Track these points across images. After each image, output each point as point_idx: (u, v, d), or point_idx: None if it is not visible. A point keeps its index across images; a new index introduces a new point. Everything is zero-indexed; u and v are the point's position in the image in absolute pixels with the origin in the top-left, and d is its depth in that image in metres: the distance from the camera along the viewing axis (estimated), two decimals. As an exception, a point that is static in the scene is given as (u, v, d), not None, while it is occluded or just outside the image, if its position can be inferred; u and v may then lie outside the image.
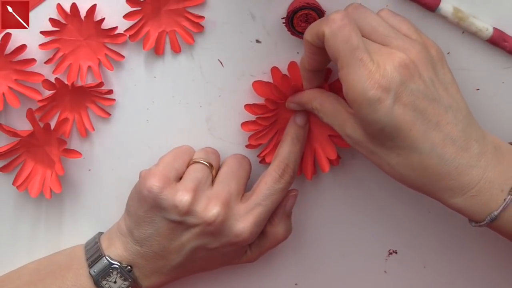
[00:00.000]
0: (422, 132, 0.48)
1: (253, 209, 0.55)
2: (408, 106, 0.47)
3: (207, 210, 0.54)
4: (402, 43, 0.49)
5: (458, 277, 0.63)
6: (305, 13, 0.52)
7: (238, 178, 0.56)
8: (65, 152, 0.58)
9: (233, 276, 0.64)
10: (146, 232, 0.55)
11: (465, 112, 0.50)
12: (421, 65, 0.48)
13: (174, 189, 0.54)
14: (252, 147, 0.58)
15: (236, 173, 0.57)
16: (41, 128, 0.57)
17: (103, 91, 0.57)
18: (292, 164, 0.56)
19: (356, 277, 0.64)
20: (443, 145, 0.48)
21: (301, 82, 0.55)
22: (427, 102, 0.48)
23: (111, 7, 0.55)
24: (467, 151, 0.49)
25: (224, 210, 0.54)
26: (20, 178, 0.58)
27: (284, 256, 0.63)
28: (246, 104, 0.57)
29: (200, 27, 0.56)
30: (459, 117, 0.49)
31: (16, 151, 0.58)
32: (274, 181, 0.56)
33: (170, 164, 0.56)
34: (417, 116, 0.48)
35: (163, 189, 0.53)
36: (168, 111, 0.59)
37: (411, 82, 0.47)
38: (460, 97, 0.51)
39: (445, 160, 0.48)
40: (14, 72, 0.56)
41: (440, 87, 0.49)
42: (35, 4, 0.55)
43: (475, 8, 0.54)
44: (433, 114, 0.48)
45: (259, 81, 0.56)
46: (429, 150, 0.48)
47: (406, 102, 0.47)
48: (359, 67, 0.46)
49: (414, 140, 0.48)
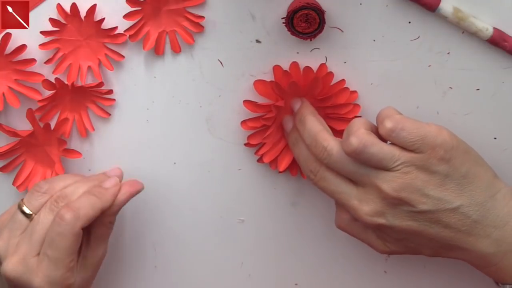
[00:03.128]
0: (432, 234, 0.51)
1: (42, 260, 0.52)
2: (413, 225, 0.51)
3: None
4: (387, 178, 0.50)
5: (458, 277, 0.63)
6: (305, 13, 0.52)
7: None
8: (65, 152, 0.58)
9: (233, 276, 0.64)
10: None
11: (481, 200, 0.51)
12: (420, 189, 0.49)
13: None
14: (251, 146, 0.58)
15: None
16: (41, 128, 0.57)
17: (103, 91, 0.57)
18: (76, 207, 0.52)
19: (356, 277, 0.64)
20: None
21: (301, 80, 0.55)
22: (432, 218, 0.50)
23: (111, 7, 0.55)
24: (486, 237, 0.51)
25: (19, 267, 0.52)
26: (20, 178, 0.58)
27: (284, 256, 0.63)
28: (245, 100, 0.56)
29: (200, 27, 0.56)
30: (470, 211, 0.50)
31: (16, 151, 0.58)
32: (53, 224, 0.52)
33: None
34: (422, 227, 0.51)
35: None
36: (168, 111, 0.59)
37: (409, 207, 0.50)
38: (476, 188, 0.51)
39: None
40: (14, 72, 0.56)
41: (448, 190, 0.50)
42: (35, 4, 0.55)
43: (475, 8, 0.54)
44: (443, 221, 0.50)
45: (260, 80, 0.56)
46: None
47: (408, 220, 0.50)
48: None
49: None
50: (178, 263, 0.63)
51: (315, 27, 0.53)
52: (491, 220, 0.51)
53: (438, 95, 0.57)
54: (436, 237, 0.51)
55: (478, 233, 0.51)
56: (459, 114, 0.58)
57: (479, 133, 0.58)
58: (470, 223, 0.50)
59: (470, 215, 0.50)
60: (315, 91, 0.55)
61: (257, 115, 0.57)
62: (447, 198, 0.50)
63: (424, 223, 0.50)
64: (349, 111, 0.56)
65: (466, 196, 0.50)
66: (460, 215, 0.50)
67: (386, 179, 0.49)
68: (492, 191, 0.51)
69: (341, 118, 0.56)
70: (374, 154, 0.49)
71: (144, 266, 0.63)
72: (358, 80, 0.57)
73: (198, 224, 0.62)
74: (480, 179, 0.51)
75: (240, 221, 0.62)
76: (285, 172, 0.59)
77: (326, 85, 0.55)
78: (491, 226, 0.51)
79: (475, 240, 0.51)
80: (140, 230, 0.62)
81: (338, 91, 0.56)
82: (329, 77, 0.56)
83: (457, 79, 0.57)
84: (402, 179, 0.49)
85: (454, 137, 0.51)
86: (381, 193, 0.50)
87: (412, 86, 0.57)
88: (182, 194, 0.61)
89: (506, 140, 0.58)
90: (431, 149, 0.49)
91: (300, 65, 0.56)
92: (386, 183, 0.49)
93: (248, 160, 0.60)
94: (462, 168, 0.50)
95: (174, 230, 0.62)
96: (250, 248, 0.63)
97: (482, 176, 0.51)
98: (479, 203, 0.50)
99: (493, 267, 0.52)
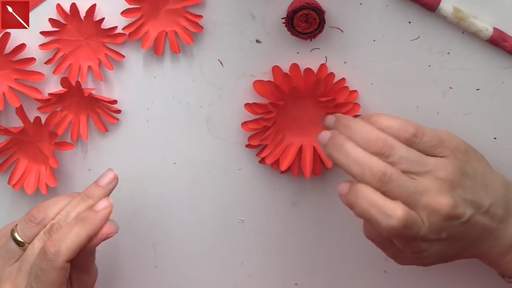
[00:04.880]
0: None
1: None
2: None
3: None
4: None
5: (458, 277, 0.63)
6: (305, 13, 0.52)
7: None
8: (57, 145, 0.57)
9: (233, 276, 0.64)
10: None
11: (503, 192, 0.51)
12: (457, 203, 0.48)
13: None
14: (252, 147, 0.58)
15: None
16: (32, 123, 0.56)
17: (112, 109, 0.57)
18: (59, 240, 0.51)
19: (356, 277, 0.64)
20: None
21: (301, 83, 0.55)
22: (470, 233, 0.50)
23: (111, 7, 0.55)
24: (508, 228, 0.51)
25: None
26: (14, 176, 0.58)
27: (284, 256, 0.63)
28: (246, 104, 0.57)
29: (200, 27, 0.56)
30: (498, 206, 0.50)
31: (8, 150, 0.58)
32: (37, 258, 0.51)
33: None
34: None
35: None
36: (168, 111, 0.59)
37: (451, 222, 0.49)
38: (495, 182, 0.51)
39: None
40: (14, 72, 0.56)
41: (477, 192, 0.50)
42: (35, 4, 0.55)
43: (475, 8, 0.54)
44: (480, 223, 0.50)
45: (260, 81, 0.56)
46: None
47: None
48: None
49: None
50: (178, 263, 0.63)
51: (315, 27, 0.53)
52: (510, 211, 0.51)
53: (438, 95, 0.57)
54: (472, 240, 0.50)
55: (503, 227, 0.51)
56: (459, 114, 0.58)
57: (479, 133, 0.58)
58: (498, 218, 0.50)
59: (498, 211, 0.50)
60: (316, 92, 0.55)
61: (258, 116, 0.57)
62: (481, 200, 0.50)
63: (467, 230, 0.50)
64: (349, 110, 0.56)
65: (492, 193, 0.50)
66: (491, 213, 0.50)
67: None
68: (506, 183, 0.52)
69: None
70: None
71: (144, 266, 0.63)
72: (358, 80, 0.57)
73: (198, 224, 0.62)
74: (494, 174, 0.52)
75: (240, 221, 0.62)
76: (286, 172, 0.59)
77: (327, 86, 0.55)
78: (510, 216, 0.51)
79: (500, 234, 0.51)
80: (140, 230, 0.62)
81: (338, 89, 0.56)
82: (330, 78, 0.56)
83: (457, 79, 0.56)
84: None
85: (461, 139, 0.51)
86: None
87: (412, 86, 0.57)
88: (182, 194, 0.61)
89: (506, 140, 0.58)
90: (451, 152, 0.49)
91: (300, 65, 0.56)
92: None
93: (248, 160, 0.60)
94: (479, 167, 0.51)
95: (174, 230, 0.62)
96: (250, 248, 0.63)
97: (493, 172, 0.52)
98: (502, 196, 0.51)
99: (509, 257, 0.52)
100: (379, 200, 0.47)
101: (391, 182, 0.47)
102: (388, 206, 0.47)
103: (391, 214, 0.46)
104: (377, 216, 0.47)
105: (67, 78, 0.56)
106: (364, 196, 0.47)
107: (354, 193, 0.48)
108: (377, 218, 0.47)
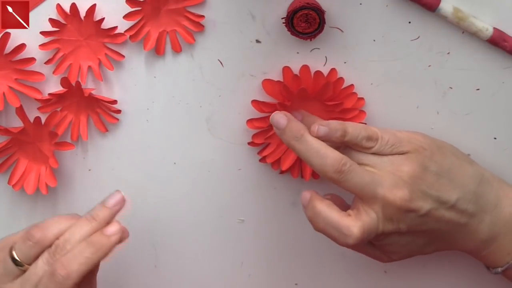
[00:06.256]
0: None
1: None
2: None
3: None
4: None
5: (458, 277, 0.63)
6: (305, 13, 0.52)
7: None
8: (57, 145, 0.57)
9: (233, 276, 0.64)
10: None
11: (473, 188, 0.52)
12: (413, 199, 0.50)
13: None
14: (255, 145, 0.58)
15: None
16: (32, 123, 0.57)
17: (112, 109, 0.57)
18: (69, 264, 0.50)
19: (356, 277, 0.64)
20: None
21: (310, 85, 0.55)
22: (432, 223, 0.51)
23: (111, 7, 0.55)
24: (481, 223, 0.52)
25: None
26: (14, 177, 0.58)
27: (284, 256, 0.63)
28: (254, 100, 0.56)
29: (201, 26, 0.56)
30: (466, 202, 0.51)
31: (8, 150, 0.58)
32: (45, 278, 0.50)
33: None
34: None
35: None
36: (168, 111, 0.59)
37: (406, 216, 0.50)
38: (464, 177, 0.52)
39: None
40: (14, 72, 0.56)
41: (441, 187, 0.51)
42: (35, 4, 0.55)
43: (475, 8, 0.54)
44: (445, 217, 0.51)
45: (269, 80, 0.56)
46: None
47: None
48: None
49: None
50: (178, 263, 0.63)
51: (315, 27, 0.53)
52: (483, 206, 0.52)
53: (438, 95, 0.57)
54: (439, 233, 0.52)
55: (475, 221, 0.52)
56: (459, 114, 0.58)
57: (479, 133, 0.58)
58: (468, 213, 0.51)
59: (467, 206, 0.51)
60: (324, 95, 0.55)
61: (263, 115, 0.57)
62: (445, 196, 0.51)
63: (429, 223, 0.51)
64: (354, 116, 0.56)
65: (459, 189, 0.51)
66: (458, 208, 0.51)
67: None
68: (478, 178, 0.53)
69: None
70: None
71: (144, 266, 0.63)
72: (358, 80, 0.57)
73: (198, 224, 0.62)
74: (464, 169, 0.52)
75: (240, 221, 0.62)
76: (286, 172, 0.59)
77: (336, 90, 0.55)
78: (483, 211, 0.52)
79: (472, 228, 0.52)
80: (140, 230, 0.62)
81: (346, 95, 0.56)
82: (339, 83, 0.55)
83: (457, 79, 0.57)
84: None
85: (425, 135, 0.53)
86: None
87: (412, 86, 0.57)
88: (182, 194, 0.61)
89: (506, 140, 0.58)
90: (414, 149, 0.51)
91: (300, 66, 0.56)
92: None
93: (248, 160, 0.60)
94: (445, 163, 0.52)
95: (174, 230, 0.62)
96: (250, 248, 0.63)
97: (464, 166, 0.53)
98: (471, 192, 0.52)
99: (486, 251, 0.53)
100: (334, 219, 0.49)
101: (349, 172, 0.49)
102: (343, 225, 0.49)
103: (347, 234, 0.49)
104: (334, 235, 0.50)
105: (67, 78, 0.56)
106: (319, 214, 0.50)
107: (312, 210, 0.51)
108: (335, 236, 0.50)
